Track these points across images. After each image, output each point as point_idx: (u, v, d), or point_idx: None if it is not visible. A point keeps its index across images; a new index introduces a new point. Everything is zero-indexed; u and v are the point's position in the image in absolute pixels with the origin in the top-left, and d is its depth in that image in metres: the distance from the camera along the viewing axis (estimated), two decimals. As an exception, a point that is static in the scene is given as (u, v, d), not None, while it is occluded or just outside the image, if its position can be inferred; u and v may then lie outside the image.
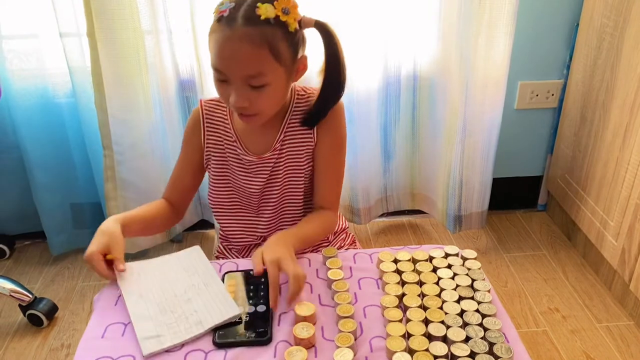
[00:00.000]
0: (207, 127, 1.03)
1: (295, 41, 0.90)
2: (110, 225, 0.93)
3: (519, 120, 1.79)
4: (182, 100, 1.58)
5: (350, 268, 0.94)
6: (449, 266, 0.92)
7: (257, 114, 0.92)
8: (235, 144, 1.02)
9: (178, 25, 1.46)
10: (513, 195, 1.93)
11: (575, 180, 1.67)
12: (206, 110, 1.04)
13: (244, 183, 1.03)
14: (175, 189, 1.09)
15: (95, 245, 0.89)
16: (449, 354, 0.75)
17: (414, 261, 0.93)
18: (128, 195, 1.56)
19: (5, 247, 1.74)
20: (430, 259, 0.94)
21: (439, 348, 0.75)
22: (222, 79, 0.89)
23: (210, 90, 1.47)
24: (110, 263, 0.91)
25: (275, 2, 0.86)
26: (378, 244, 1.78)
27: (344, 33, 1.49)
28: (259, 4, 0.85)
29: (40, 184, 1.61)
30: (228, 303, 0.84)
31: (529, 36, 1.65)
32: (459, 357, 0.73)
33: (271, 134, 1.00)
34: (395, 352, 0.74)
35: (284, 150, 1.01)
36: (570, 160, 1.70)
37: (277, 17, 0.85)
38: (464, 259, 0.94)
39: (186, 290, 0.88)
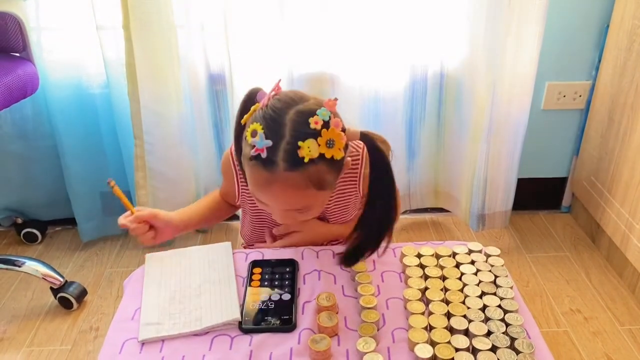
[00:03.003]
0: (242, 179, 0.98)
1: (341, 163, 0.82)
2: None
3: (546, 121, 1.78)
4: (211, 94, 1.61)
5: (374, 261, 0.96)
6: (472, 262, 0.93)
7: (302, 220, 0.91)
8: None
9: (210, 20, 1.49)
10: (537, 196, 1.92)
11: (600, 182, 1.66)
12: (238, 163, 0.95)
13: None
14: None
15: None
16: (471, 347, 0.76)
17: (437, 256, 0.95)
18: (157, 185, 1.60)
19: (37, 232, 1.79)
20: (454, 254, 0.95)
21: (461, 341, 0.76)
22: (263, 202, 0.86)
23: (239, 86, 1.50)
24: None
25: (319, 138, 0.76)
26: (400, 241, 1.77)
27: (372, 29, 1.50)
28: (300, 143, 0.75)
29: (73, 172, 1.66)
30: (232, 306, 0.85)
31: (558, 37, 1.63)
32: (481, 350, 0.74)
33: None
34: (417, 343, 0.76)
35: (328, 210, 0.99)
36: (596, 162, 1.69)
37: (321, 154, 0.77)
38: (487, 255, 0.95)
39: (200, 284, 0.90)
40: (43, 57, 1.50)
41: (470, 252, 0.96)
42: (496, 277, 0.89)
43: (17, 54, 1.43)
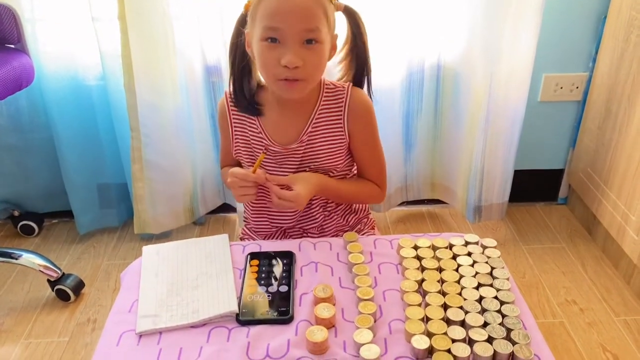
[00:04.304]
0: (234, 118, 1.05)
1: (334, 15, 0.95)
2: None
3: (543, 113, 1.78)
4: (208, 86, 1.61)
5: (371, 253, 0.97)
6: (469, 254, 0.93)
7: (304, 79, 0.92)
8: (260, 134, 1.03)
9: (206, 11, 1.48)
10: (534, 187, 1.92)
11: (597, 173, 1.67)
12: (231, 102, 1.05)
13: (271, 172, 1.04)
14: (229, 159, 1.13)
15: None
16: (467, 338, 0.76)
17: (434, 248, 0.95)
18: (154, 177, 1.60)
19: (34, 225, 1.79)
20: (450, 246, 0.95)
21: (457, 332, 0.76)
22: (274, 39, 0.89)
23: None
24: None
25: None
26: (397, 233, 1.79)
27: (368, 21, 1.49)
28: None
29: (69, 164, 1.65)
30: (229, 298, 0.85)
31: (555, 28, 1.63)
32: (477, 341, 0.75)
33: (298, 125, 1.01)
34: (414, 334, 0.76)
35: (314, 143, 1.02)
36: (593, 153, 1.70)
37: None
38: (484, 247, 0.95)
39: (197, 276, 0.91)
40: (38, 49, 1.49)
41: (466, 243, 0.96)
42: (492, 268, 0.90)
43: (12, 46, 1.43)
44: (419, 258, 0.93)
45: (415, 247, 0.95)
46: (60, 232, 1.82)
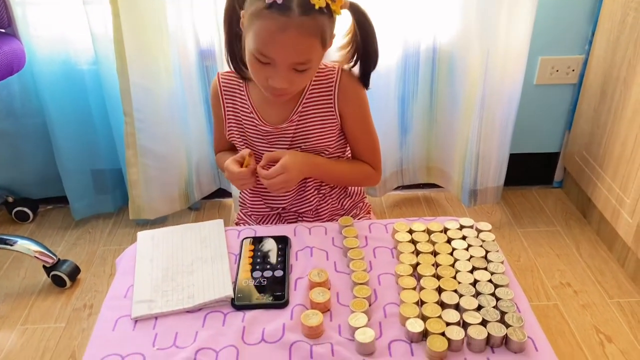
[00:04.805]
0: (226, 99, 1.06)
1: (334, 25, 0.93)
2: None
3: (538, 96, 1.78)
4: (201, 70, 1.59)
5: (366, 237, 0.97)
6: (464, 237, 0.93)
7: (291, 92, 0.95)
8: (251, 115, 1.04)
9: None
10: (529, 171, 1.92)
11: (592, 157, 1.67)
12: (223, 83, 1.06)
13: (263, 153, 1.04)
14: (223, 144, 1.14)
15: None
16: (461, 321, 0.77)
17: (429, 232, 0.95)
18: (148, 162, 1.59)
19: (29, 211, 1.78)
20: (445, 230, 0.96)
21: (452, 315, 0.77)
22: (264, 62, 0.89)
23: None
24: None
25: None
26: (393, 217, 1.80)
27: (364, 3, 1.48)
28: None
29: (63, 150, 1.64)
30: (224, 283, 0.85)
31: (551, 11, 1.62)
32: (471, 324, 0.75)
33: (289, 105, 1.02)
34: (409, 318, 0.76)
35: (305, 122, 1.02)
36: (588, 136, 1.69)
37: (327, 5, 0.87)
38: (479, 231, 0.96)
39: (193, 261, 0.91)
40: (29, 33, 1.47)
41: (461, 227, 0.96)
42: (487, 252, 0.90)
43: (2, 30, 1.41)
44: (413, 242, 0.93)
45: (410, 231, 0.95)
46: (55, 218, 1.82)
